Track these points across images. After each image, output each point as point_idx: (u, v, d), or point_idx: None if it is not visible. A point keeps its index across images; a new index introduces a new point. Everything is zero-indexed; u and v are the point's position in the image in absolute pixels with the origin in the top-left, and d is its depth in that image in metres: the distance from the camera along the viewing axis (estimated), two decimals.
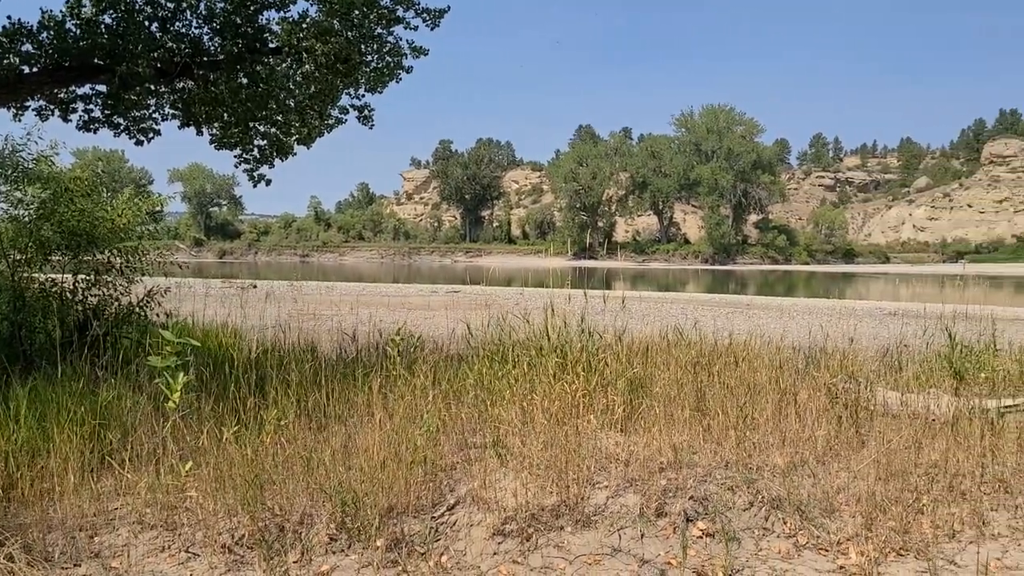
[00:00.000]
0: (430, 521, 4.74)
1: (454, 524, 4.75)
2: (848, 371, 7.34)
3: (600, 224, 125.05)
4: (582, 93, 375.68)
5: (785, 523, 4.91)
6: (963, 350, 7.76)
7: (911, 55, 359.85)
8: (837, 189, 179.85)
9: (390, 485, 4.82)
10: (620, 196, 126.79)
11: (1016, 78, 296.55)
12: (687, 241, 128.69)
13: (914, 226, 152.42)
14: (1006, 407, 6.47)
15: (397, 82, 11.26)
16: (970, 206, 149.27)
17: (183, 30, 10.21)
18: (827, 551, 4.68)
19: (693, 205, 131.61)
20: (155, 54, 9.54)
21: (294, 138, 11.34)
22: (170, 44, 10.00)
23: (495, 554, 4.50)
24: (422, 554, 4.46)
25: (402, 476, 4.89)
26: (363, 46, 10.62)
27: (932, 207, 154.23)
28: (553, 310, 7.37)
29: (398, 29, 10.70)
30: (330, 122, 11.39)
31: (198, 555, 4.44)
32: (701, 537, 4.71)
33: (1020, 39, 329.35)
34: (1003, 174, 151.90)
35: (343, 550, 4.51)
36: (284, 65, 10.59)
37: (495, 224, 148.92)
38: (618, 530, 4.70)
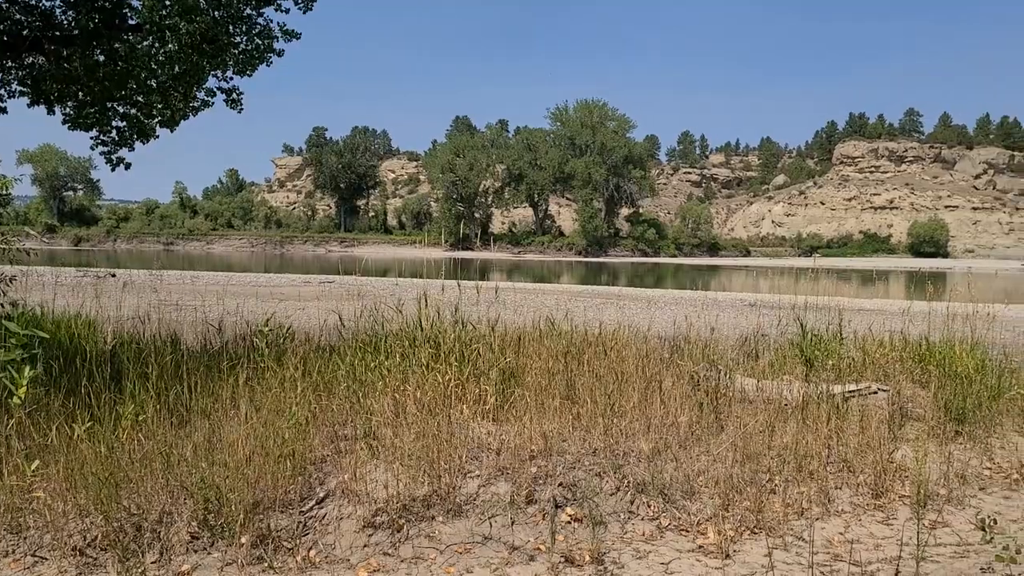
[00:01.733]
0: (298, 515, 4.64)
1: (323, 518, 4.67)
2: (710, 360, 7.66)
3: (477, 215, 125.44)
4: (459, 84, 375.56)
5: (649, 506, 5.10)
6: (813, 339, 8.24)
7: (770, 59, 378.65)
8: (703, 185, 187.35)
9: (256, 480, 4.69)
10: (496, 188, 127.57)
11: (863, 82, 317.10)
12: (562, 233, 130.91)
13: (773, 222, 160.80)
14: (850, 392, 6.93)
15: (268, 65, 10.89)
16: (823, 203, 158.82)
17: (32, 1, 9.52)
18: (688, 531, 4.89)
19: (567, 198, 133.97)
20: (0, 26, 8.86)
21: (156, 120, 10.77)
22: (18, 16, 9.30)
23: (365, 546, 4.46)
24: (289, 549, 4.37)
25: (269, 470, 4.76)
26: (231, 27, 10.21)
27: (789, 204, 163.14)
28: (427, 301, 7.34)
29: (269, 11, 10.35)
30: (196, 104, 10.88)
31: (46, 559, 4.19)
32: (570, 523, 4.82)
33: (868, 46, 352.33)
34: (852, 174, 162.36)
35: (205, 548, 4.36)
36: (146, 43, 10.04)
37: (371, 214, 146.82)
38: (489, 518, 4.75)
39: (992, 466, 6.20)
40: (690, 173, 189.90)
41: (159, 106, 10.63)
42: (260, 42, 10.56)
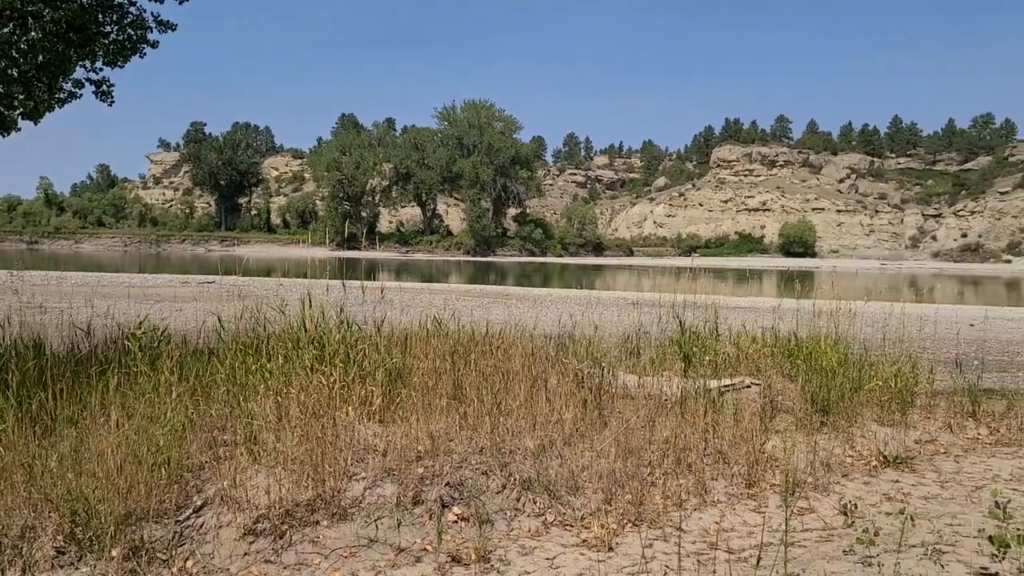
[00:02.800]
0: (174, 525, 4.47)
1: (201, 527, 4.51)
2: (594, 357, 7.83)
3: (364, 215, 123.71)
4: (345, 82, 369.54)
5: (535, 503, 5.17)
6: (691, 336, 8.55)
7: (652, 64, 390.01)
8: (588, 186, 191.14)
9: (128, 490, 4.48)
10: (384, 187, 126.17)
11: (739, 89, 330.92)
12: (450, 233, 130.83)
13: (654, 222, 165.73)
14: (725, 387, 7.23)
15: (141, 57, 10.42)
16: (701, 205, 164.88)
17: None
18: (572, 526, 4.98)
19: (456, 198, 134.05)
20: None
21: (18, 112, 10.11)
22: None
23: (246, 554, 4.34)
24: (164, 561, 4.20)
25: (142, 479, 4.56)
26: (101, 15, 9.71)
27: (670, 205, 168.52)
28: (311, 301, 7.20)
29: (142, 0, 9.91)
30: (62, 96, 10.28)
31: None
32: (457, 522, 4.84)
33: (745, 54, 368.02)
34: (728, 177, 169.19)
35: (73, 563, 4.14)
36: (6, 31, 9.41)
37: (253, 212, 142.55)
38: (375, 521, 4.71)
39: (854, 454, 6.59)
40: (576, 174, 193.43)
41: (21, 97, 9.98)
42: (132, 32, 10.09)
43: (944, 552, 4.45)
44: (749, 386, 7.35)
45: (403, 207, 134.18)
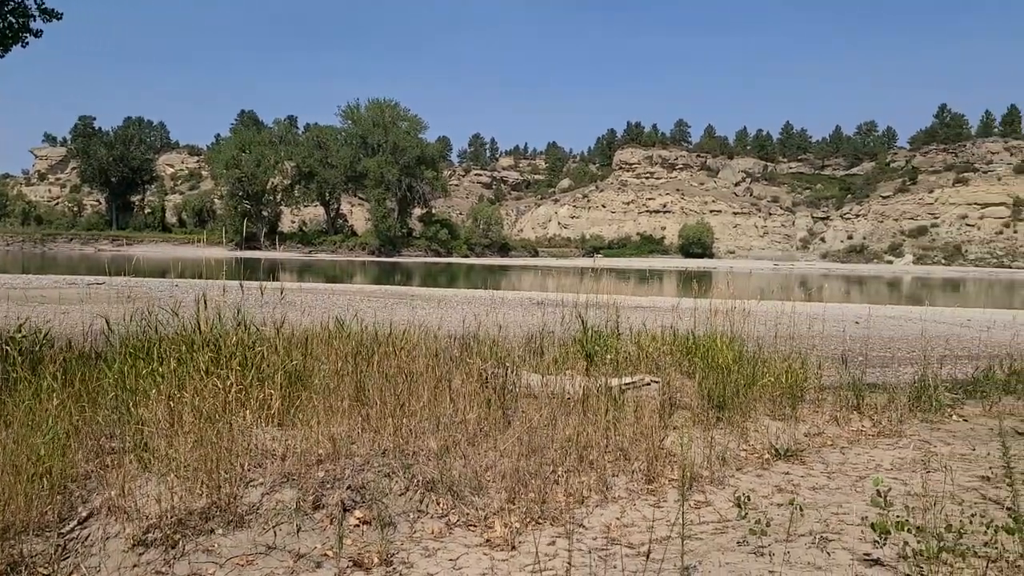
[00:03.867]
0: (56, 538, 4.25)
1: (86, 539, 4.30)
2: (498, 357, 7.85)
3: (265, 214, 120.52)
4: (244, 77, 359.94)
5: (439, 504, 5.14)
6: (594, 335, 8.68)
7: (555, 67, 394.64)
8: (493, 187, 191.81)
9: (6, 502, 4.23)
10: (286, 186, 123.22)
11: (640, 93, 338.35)
12: (354, 233, 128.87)
13: (559, 223, 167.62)
14: (626, 385, 7.36)
15: (23, 46, 9.89)
16: (604, 206, 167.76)
17: None
18: (476, 526, 4.98)
19: (360, 197, 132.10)
20: None
21: None
22: None
23: (135, 566, 4.16)
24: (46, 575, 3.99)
25: (21, 491, 4.31)
26: None
27: (574, 206, 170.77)
28: (207, 302, 6.97)
29: None
30: None
31: None
32: (358, 526, 4.76)
33: (647, 60, 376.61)
34: (630, 179, 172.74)
35: None
36: None
37: (147, 211, 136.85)
38: (274, 527, 4.59)
39: (748, 448, 6.82)
40: (481, 175, 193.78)
41: None
42: (14, 20, 9.57)
43: (830, 540, 4.65)
44: (649, 384, 7.51)
45: (306, 207, 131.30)
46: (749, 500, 5.13)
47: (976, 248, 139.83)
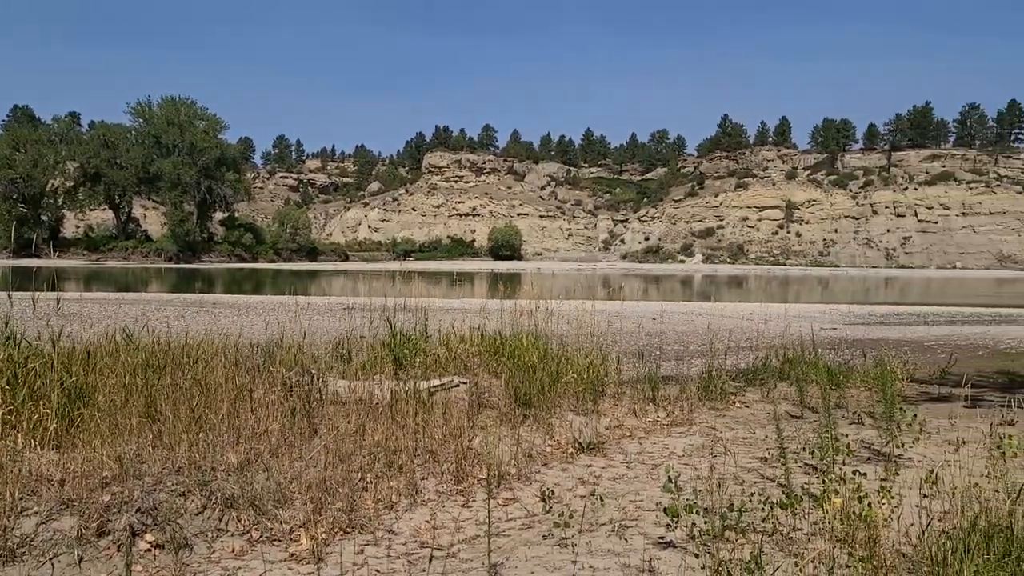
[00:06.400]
0: None
1: None
2: (303, 364, 7.64)
3: (44, 218, 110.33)
4: (18, 69, 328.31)
5: (240, 520, 4.91)
6: (402, 338, 8.65)
7: (362, 69, 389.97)
8: (300, 190, 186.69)
9: None
10: (68, 188, 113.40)
11: (447, 97, 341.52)
12: (149, 238, 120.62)
13: (369, 227, 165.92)
14: (435, 387, 7.39)
15: None
16: (414, 210, 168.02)
17: None
18: (280, 541, 4.80)
19: (155, 200, 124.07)
20: None
21: None
22: None
23: None
24: None
25: None
26: None
27: (384, 210, 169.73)
28: None
29: None
30: None
31: None
32: (150, 550, 4.46)
33: (452, 62, 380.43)
34: (439, 183, 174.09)
35: None
36: None
37: None
38: (51, 559, 4.20)
39: (553, 443, 7.04)
40: (287, 177, 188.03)
41: None
42: None
43: (628, 527, 4.89)
44: (458, 385, 7.58)
45: (92, 210, 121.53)
46: (554, 494, 5.29)
47: (756, 248, 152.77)
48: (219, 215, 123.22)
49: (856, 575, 3.62)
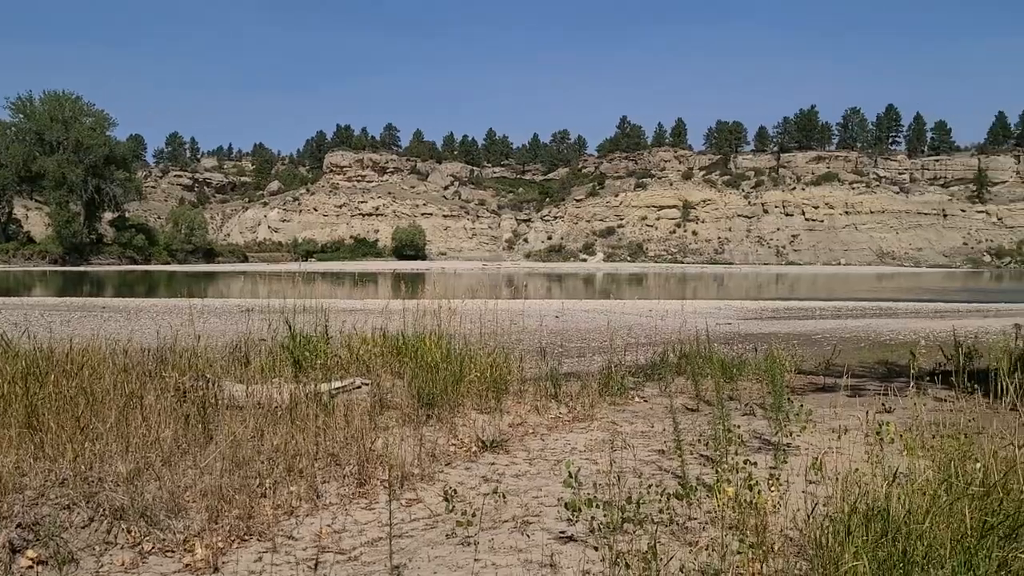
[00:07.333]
0: None
1: None
2: (198, 369, 7.41)
3: None
4: None
5: (130, 532, 4.72)
6: (302, 340, 8.49)
7: (260, 67, 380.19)
8: (196, 189, 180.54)
9: None
10: None
11: (349, 95, 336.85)
12: (31, 240, 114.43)
13: (269, 227, 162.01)
14: (336, 389, 7.29)
15: None
16: (316, 210, 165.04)
17: None
18: (174, 552, 4.64)
19: (38, 200, 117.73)
20: None
21: None
22: None
23: None
24: None
25: None
26: None
27: (284, 210, 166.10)
28: None
29: None
30: None
31: None
32: (32, 567, 4.24)
33: (354, 61, 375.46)
34: (341, 182, 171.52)
35: None
36: None
37: None
38: None
39: (456, 442, 7.04)
40: (181, 176, 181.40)
41: None
42: None
43: (531, 523, 4.95)
44: (360, 386, 7.50)
45: None
46: (457, 493, 5.30)
47: (655, 246, 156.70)
48: (109, 215, 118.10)
49: (746, 561, 3.77)
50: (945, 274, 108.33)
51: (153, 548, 4.65)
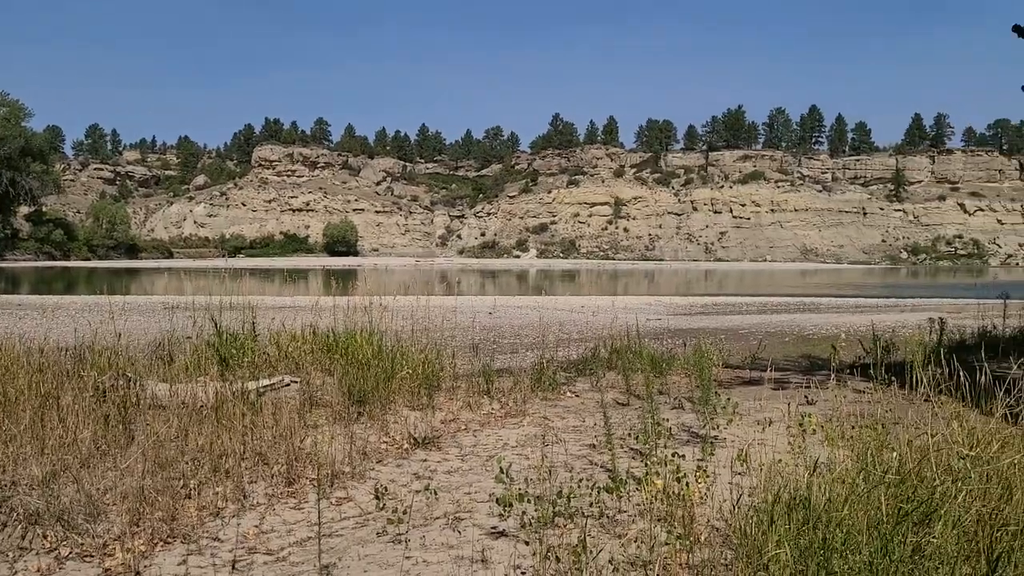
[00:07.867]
0: None
1: None
2: (118, 368, 7.18)
3: None
4: None
5: (46, 537, 4.55)
6: (229, 337, 8.31)
7: (184, 56, 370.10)
8: (118, 183, 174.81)
9: None
10: None
11: (277, 88, 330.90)
12: None
13: (195, 222, 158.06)
14: (264, 387, 7.15)
15: None
16: (244, 204, 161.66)
17: None
18: (93, 556, 4.49)
19: None
20: None
21: None
22: None
23: None
24: None
25: None
26: None
27: (211, 204, 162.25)
28: None
29: None
30: None
31: None
32: None
33: (283, 54, 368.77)
34: (271, 177, 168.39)
35: None
36: None
37: None
38: None
39: (388, 440, 6.98)
40: (102, 169, 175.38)
41: None
42: None
43: (462, 519, 4.94)
44: (288, 384, 7.38)
45: None
46: (388, 491, 5.25)
47: (587, 243, 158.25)
48: (25, 210, 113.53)
49: (673, 551, 3.84)
50: (865, 270, 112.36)
51: (71, 553, 4.49)
